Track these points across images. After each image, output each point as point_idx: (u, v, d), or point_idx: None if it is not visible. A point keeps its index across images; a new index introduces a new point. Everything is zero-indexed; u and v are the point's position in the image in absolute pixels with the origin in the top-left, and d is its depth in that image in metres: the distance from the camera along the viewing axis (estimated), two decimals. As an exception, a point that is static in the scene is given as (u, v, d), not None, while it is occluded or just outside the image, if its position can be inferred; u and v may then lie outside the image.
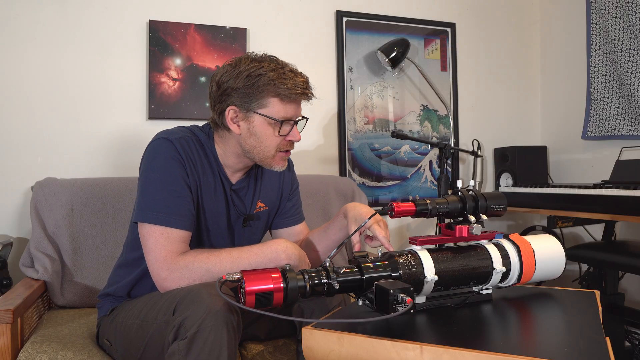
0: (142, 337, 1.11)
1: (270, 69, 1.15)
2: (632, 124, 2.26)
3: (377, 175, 2.44)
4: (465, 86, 2.64)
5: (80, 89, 1.96)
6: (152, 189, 1.14)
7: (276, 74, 1.15)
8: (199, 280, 1.08)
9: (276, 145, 1.20)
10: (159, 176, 1.14)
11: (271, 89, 1.14)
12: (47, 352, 1.20)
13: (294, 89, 1.15)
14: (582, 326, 0.90)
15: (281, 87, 1.14)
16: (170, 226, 1.11)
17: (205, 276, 1.08)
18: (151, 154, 1.17)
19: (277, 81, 1.14)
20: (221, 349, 0.94)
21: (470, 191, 1.05)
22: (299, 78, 1.18)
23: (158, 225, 1.11)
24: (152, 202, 1.13)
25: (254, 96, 1.16)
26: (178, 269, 1.08)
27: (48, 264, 1.58)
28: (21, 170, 1.87)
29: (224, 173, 1.26)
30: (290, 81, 1.15)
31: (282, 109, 1.17)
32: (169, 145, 1.16)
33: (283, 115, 1.17)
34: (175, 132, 1.21)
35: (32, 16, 1.90)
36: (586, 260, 2.07)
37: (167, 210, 1.12)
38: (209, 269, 1.08)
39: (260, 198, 1.34)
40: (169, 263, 1.09)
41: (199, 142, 1.23)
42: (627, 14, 2.22)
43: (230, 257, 1.10)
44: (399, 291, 0.84)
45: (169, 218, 1.11)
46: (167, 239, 1.10)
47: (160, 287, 1.10)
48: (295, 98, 1.17)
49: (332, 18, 2.37)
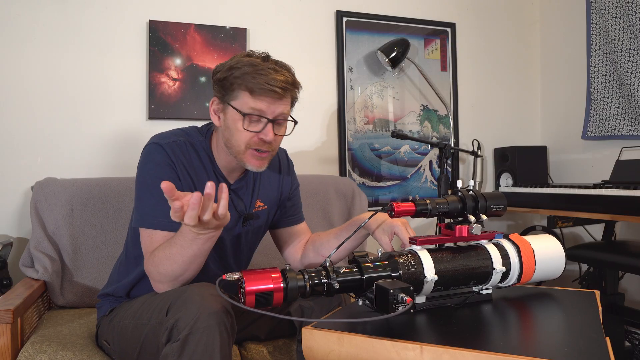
0: (137, 338, 1.11)
1: (249, 64, 1.14)
2: (632, 124, 2.26)
3: (377, 175, 2.44)
4: (465, 86, 2.64)
5: (80, 89, 1.96)
6: (143, 195, 1.17)
7: (253, 69, 1.13)
8: (160, 271, 1.09)
9: (245, 140, 1.16)
10: (148, 181, 1.16)
11: (242, 81, 1.13)
12: (47, 352, 1.20)
13: (265, 84, 1.12)
14: (582, 326, 0.90)
15: (251, 80, 1.12)
16: (154, 228, 1.14)
17: (160, 264, 1.08)
18: (143, 160, 1.20)
19: (250, 75, 1.12)
20: (214, 351, 0.93)
21: (470, 191, 1.05)
22: (278, 75, 1.14)
23: (146, 228, 1.15)
24: (141, 207, 1.16)
25: (229, 88, 1.16)
26: (149, 264, 1.12)
27: (48, 264, 1.58)
28: (21, 170, 1.87)
29: (221, 174, 1.26)
30: (264, 77, 1.12)
31: (251, 102, 1.14)
32: (159, 150, 1.17)
33: (251, 108, 1.14)
34: (168, 136, 1.21)
35: (32, 16, 1.90)
36: (586, 260, 2.07)
37: (154, 214, 1.14)
38: (165, 257, 1.08)
39: (260, 197, 1.34)
40: (147, 264, 1.13)
41: (192, 145, 1.23)
42: (627, 14, 2.22)
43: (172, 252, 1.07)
44: (398, 291, 0.84)
45: (154, 220, 1.14)
46: (150, 240, 1.14)
47: (154, 287, 1.14)
48: (265, 93, 1.13)
49: (332, 18, 2.37)
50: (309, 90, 2.29)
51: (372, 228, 1.25)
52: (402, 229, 1.17)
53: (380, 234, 1.22)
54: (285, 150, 1.46)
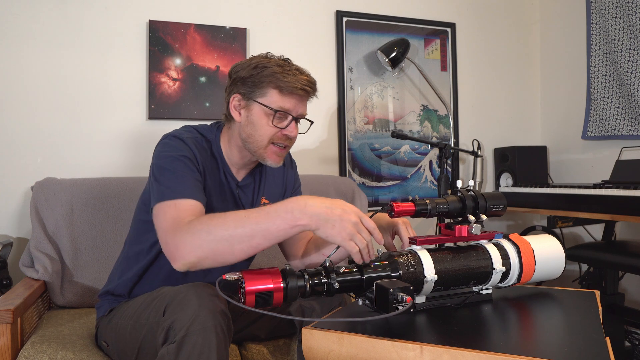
0: (136, 338, 1.10)
1: (276, 64, 1.20)
2: (632, 124, 2.26)
3: (377, 175, 2.44)
4: (465, 86, 2.64)
5: (80, 88, 1.96)
6: (164, 175, 1.12)
7: (281, 69, 1.19)
8: (205, 246, 0.97)
9: (270, 135, 1.21)
10: (169, 163, 1.13)
11: (272, 80, 1.18)
12: (47, 352, 1.20)
13: (294, 83, 1.19)
14: (582, 326, 0.90)
15: (282, 79, 1.18)
16: (178, 198, 1.07)
17: (208, 239, 0.97)
18: (162, 147, 1.18)
19: (280, 74, 1.18)
20: (210, 353, 0.93)
21: (469, 191, 1.05)
22: (303, 76, 1.22)
23: (167, 200, 1.07)
24: (164, 185, 1.10)
25: (256, 85, 1.20)
26: (182, 234, 0.99)
27: (48, 264, 1.58)
28: (21, 170, 1.87)
29: (230, 171, 1.28)
30: (292, 76, 1.19)
31: (280, 100, 1.20)
32: (179, 142, 1.18)
33: (280, 106, 1.20)
34: (184, 132, 1.23)
35: (32, 16, 1.90)
36: (586, 260, 2.07)
37: (176, 188, 1.09)
38: (210, 231, 0.97)
39: (264, 194, 1.36)
40: (174, 229, 1.01)
41: (207, 141, 1.26)
42: (627, 14, 2.22)
43: (235, 217, 0.99)
44: (398, 290, 0.84)
45: (177, 191, 1.08)
46: (175, 208, 1.05)
47: (172, 258, 1.01)
48: (294, 92, 1.20)
49: (332, 18, 2.37)
50: (309, 90, 2.29)
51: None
52: (403, 229, 1.17)
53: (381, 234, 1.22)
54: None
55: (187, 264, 0.99)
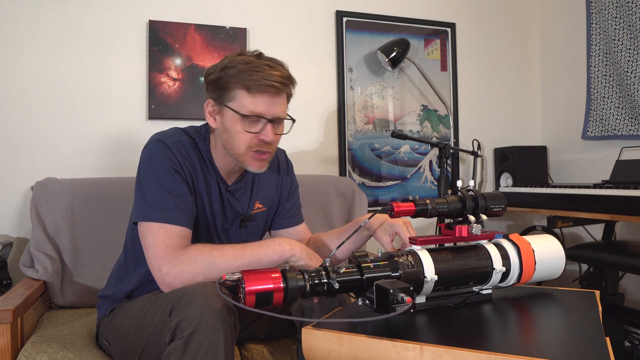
0: (140, 339, 1.10)
1: (243, 62, 1.12)
2: (632, 124, 2.26)
3: (377, 175, 2.44)
4: (465, 86, 2.64)
5: (80, 89, 1.96)
6: (151, 188, 1.12)
7: (247, 66, 1.11)
8: (202, 274, 1.05)
9: (246, 142, 1.15)
10: (156, 175, 1.12)
11: (239, 80, 1.11)
12: (47, 352, 1.20)
13: (262, 80, 1.10)
14: (582, 326, 0.90)
15: (248, 78, 1.10)
16: (169, 223, 1.09)
17: (208, 269, 1.05)
18: (148, 155, 1.16)
19: (245, 72, 1.10)
20: (217, 349, 0.93)
21: (470, 191, 1.05)
22: (274, 71, 1.12)
23: (157, 222, 1.09)
24: (150, 200, 1.11)
25: (224, 88, 1.14)
26: (180, 262, 1.04)
27: (48, 264, 1.58)
28: (21, 170, 1.87)
29: (220, 175, 1.25)
30: (259, 73, 1.10)
31: (250, 103, 1.12)
32: (164, 148, 1.15)
33: (250, 110, 1.12)
34: (171, 135, 1.19)
35: (32, 16, 1.90)
36: (586, 260, 2.07)
37: (166, 208, 1.10)
38: (212, 262, 1.05)
39: (258, 199, 1.33)
40: (170, 257, 1.05)
41: (195, 144, 1.22)
42: (627, 14, 2.22)
43: (233, 251, 1.08)
44: (398, 290, 0.84)
45: (168, 215, 1.09)
46: (166, 234, 1.08)
47: (163, 283, 1.06)
48: (263, 90, 1.11)
49: (332, 18, 2.37)
50: (308, 90, 2.29)
51: (373, 228, 1.25)
52: (404, 229, 1.17)
53: (381, 234, 1.22)
54: (285, 151, 1.46)
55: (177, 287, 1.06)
